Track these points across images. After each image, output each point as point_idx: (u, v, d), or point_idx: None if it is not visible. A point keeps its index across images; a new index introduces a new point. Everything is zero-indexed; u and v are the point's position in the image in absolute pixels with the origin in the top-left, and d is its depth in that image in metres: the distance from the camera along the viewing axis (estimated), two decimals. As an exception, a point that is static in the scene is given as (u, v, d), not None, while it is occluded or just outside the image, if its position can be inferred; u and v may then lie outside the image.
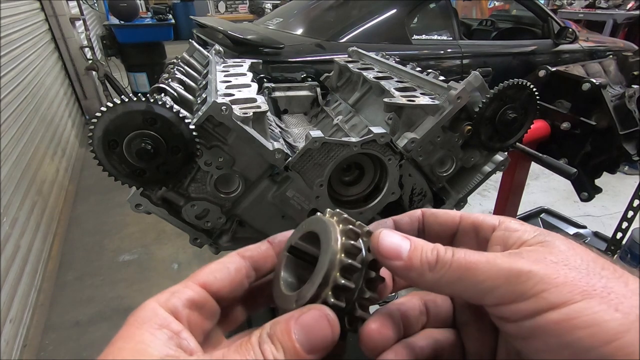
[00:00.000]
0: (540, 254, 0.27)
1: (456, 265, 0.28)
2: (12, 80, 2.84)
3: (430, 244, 0.30)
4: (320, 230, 0.32)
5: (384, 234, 0.31)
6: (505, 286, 0.26)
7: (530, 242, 0.29)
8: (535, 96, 0.82)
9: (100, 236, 2.94)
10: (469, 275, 0.28)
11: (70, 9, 4.45)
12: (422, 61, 3.00)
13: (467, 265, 0.28)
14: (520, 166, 1.61)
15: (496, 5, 7.09)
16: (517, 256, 0.27)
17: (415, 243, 0.30)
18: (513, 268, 0.26)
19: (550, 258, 0.27)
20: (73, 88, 4.63)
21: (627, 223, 1.51)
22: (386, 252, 0.30)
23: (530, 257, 0.27)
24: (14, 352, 1.93)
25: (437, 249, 0.30)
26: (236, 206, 0.81)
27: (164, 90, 0.80)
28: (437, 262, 0.29)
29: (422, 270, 0.29)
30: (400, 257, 0.30)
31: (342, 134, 1.05)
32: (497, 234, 0.32)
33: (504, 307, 0.27)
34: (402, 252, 0.30)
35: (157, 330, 0.27)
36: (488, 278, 0.27)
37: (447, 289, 0.29)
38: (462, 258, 0.28)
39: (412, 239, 0.31)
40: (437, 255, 0.29)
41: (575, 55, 3.64)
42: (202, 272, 0.33)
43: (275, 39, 2.77)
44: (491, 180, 0.98)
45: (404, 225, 0.38)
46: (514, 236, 0.31)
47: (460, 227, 0.35)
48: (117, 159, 0.63)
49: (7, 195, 2.26)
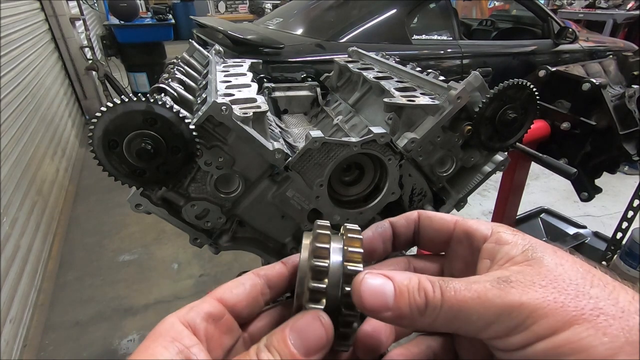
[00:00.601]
0: (529, 277, 0.27)
1: (447, 306, 0.28)
2: (12, 80, 2.84)
3: (415, 280, 0.29)
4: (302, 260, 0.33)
5: (364, 283, 0.29)
6: (497, 323, 0.26)
7: (518, 259, 0.29)
8: (535, 96, 0.82)
9: (100, 236, 2.95)
10: (461, 316, 0.27)
11: (70, 9, 4.45)
12: (422, 61, 3.00)
13: (459, 305, 0.27)
14: (520, 166, 1.61)
15: (496, 5, 7.09)
16: (507, 287, 0.27)
17: (399, 286, 0.29)
18: (504, 304, 0.26)
19: (539, 282, 0.27)
20: (73, 88, 4.63)
21: (627, 223, 1.51)
22: (370, 305, 0.29)
23: (519, 285, 0.27)
24: (14, 352, 1.93)
25: (424, 289, 0.28)
26: (236, 206, 0.81)
27: (164, 90, 0.80)
28: (426, 306, 0.28)
29: (412, 317, 0.28)
30: (387, 308, 0.28)
31: (342, 134, 1.05)
32: (487, 246, 0.32)
33: (497, 341, 0.27)
34: (388, 300, 0.28)
35: (169, 344, 0.28)
36: (481, 317, 0.27)
37: (441, 329, 0.29)
38: (452, 297, 0.27)
39: (395, 279, 0.29)
40: (426, 297, 0.28)
41: (575, 55, 3.65)
42: (219, 288, 0.34)
43: (275, 39, 2.77)
44: (491, 180, 0.99)
45: (400, 227, 0.38)
46: (502, 251, 0.30)
47: (454, 235, 0.35)
48: (117, 159, 0.63)
49: (7, 195, 2.26)
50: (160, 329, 0.29)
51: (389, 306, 0.28)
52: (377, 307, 0.28)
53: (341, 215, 0.85)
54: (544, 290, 0.26)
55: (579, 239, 2.38)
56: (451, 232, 0.35)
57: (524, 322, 0.26)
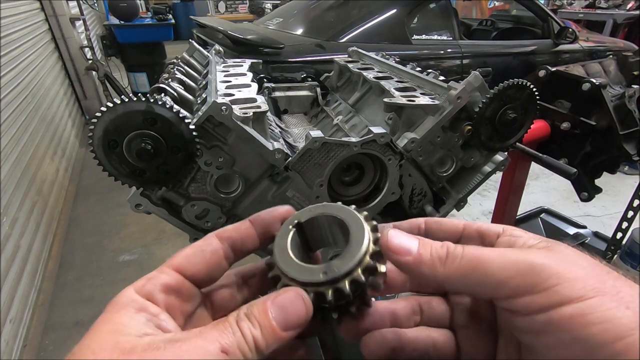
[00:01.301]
0: (550, 253, 0.28)
1: (468, 258, 0.28)
2: (12, 80, 2.84)
3: (439, 242, 0.31)
4: (348, 217, 0.32)
5: (393, 232, 0.31)
6: (517, 278, 0.26)
7: (538, 246, 0.30)
8: (535, 96, 0.82)
9: (100, 236, 2.94)
10: (480, 267, 0.28)
11: (70, 9, 4.46)
12: (422, 61, 3.00)
13: (479, 258, 0.28)
14: (520, 166, 1.61)
15: (496, 5, 7.09)
16: (529, 251, 0.28)
17: (423, 240, 0.31)
18: (526, 260, 0.26)
19: (560, 257, 0.27)
20: (73, 88, 4.63)
21: (627, 223, 1.51)
22: (396, 248, 0.30)
23: (541, 253, 0.27)
24: (14, 352, 1.93)
25: (446, 244, 0.30)
26: (236, 206, 0.81)
27: (164, 90, 0.80)
28: (447, 256, 0.29)
29: (433, 264, 0.29)
30: (409, 253, 0.30)
31: (342, 134, 1.05)
32: (502, 239, 0.32)
33: (516, 300, 0.27)
34: (412, 247, 0.30)
35: (135, 314, 0.28)
36: (500, 270, 0.27)
37: (458, 283, 0.29)
38: (473, 251, 0.28)
39: (420, 238, 0.31)
40: (447, 249, 0.29)
41: (575, 55, 3.65)
42: (177, 257, 0.33)
43: (275, 39, 2.77)
44: (491, 180, 0.99)
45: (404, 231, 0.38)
46: (519, 241, 0.31)
47: (464, 234, 0.35)
48: (117, 159, 0.63)
49: (7, 195, 2.26)
50: (120, 301, 0.28)
51: (412, 252, 0.30)
52: (401, 249, 0.30)
53: (341, 215, 0.85)
54: (566, 263, 0.26)
55: (579, 239, 2.37)
56: (460, 232, 0.36)
57: (546, 282, 0.25)
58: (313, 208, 0.34)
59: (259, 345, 0.27)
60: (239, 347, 0.27)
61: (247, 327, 0.27)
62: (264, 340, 0.27)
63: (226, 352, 0.26)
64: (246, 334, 0.27)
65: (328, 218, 0.34)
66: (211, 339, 0.26)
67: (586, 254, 0.29)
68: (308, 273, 0.30)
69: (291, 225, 0.34)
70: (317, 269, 0.30)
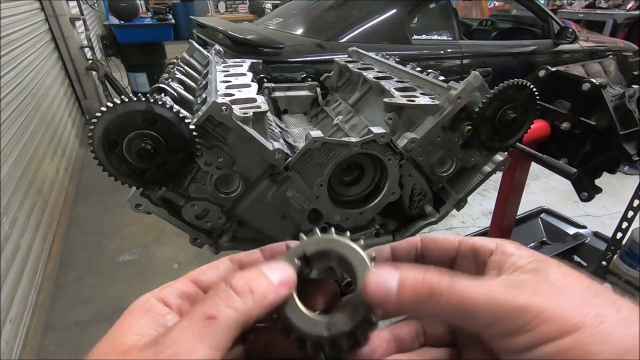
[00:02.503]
0: (536, 283, 0.28)
1: (455, 298, 0.28)
2: (12, 80, 2.84)
3: (421, 272, 0.30)
4: (355, 261, 0.33)
5: (371, 277, 0.30)
6: (504, 321, 0.27)
7: (526, 268, 0.30)
8: (535, 96, 0.82)
9: (100, 236, 2.94)
10: (468, 309, 0.28)
11: (70, 9, 4.45)
12: (422, 61, 3.00)
13: (466, 298, 0.28)
14: (520, 166, 1.61)
15: (496, 5, 7.09)
16: (516, 288, 0.28)
17: (404, 277, 0.30)
18: (513, 303, 0.27)
19: (547, 288, 0.28)
20: (73, 88, 4.63)
21: (627, 223, 1.51)
22: (375, 296, 0.30)
23: (527, 288, 0.28)
24: (14, 352, 1.93)
25: (428, 280, 0.29)
26: (236, 206, 0.81)
27: (164, 90, 0.80)
28: (431, 294, 0.29)
29: (417, 307, 0.29)
30: (390, 299, 0.29)
31: (342, 134, 1.05)
32: (494, 258, 0.33)
33: (502, 340, 0.28)
34: (391, 292, 0.29)
35: (144, 314, 0.29)
36: (488, 313, 0.27)
37: (445, 321, 0.30)
38: (460, 290, 0.28)
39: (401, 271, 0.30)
40: (431, 287, 0.29)
41: (575, 55, 3.64)
42: (194, 271, 0.35)
43: (275, 39, 2.77)
44: (491, 180, 0.99)
45: (401, 251, 0.38)
46: (509, 261, 0.31)
47: (459, 252, 0.36)
48: (117, 159, 0.63)
49: (7, 195, 2.26)
50: (135, 305, 0.30)
51: (392, 298, 0.29)
52: (381, 298, 0.30)
53: (341, 215, 0.85)
54: (551, 296, 0.27)
55: (579, 239, 2.38)
56: (456, 250, 0.36)
57: (531, 323, 0.26)
58: (320, 240, 0.34)
59: (257, 294, 0.29)
60: (228, 305, 0.28)
61: (240, 281, 0.29)
62: (262, 288, 0.29)
63: (212, 317, 0.27)
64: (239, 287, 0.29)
65: (334, 254, 0.34)
66: (195, 313, 0.27)
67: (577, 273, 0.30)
68: (311, 325, 0.31)
69: (297, 258, 0.34)
70: (320, 322, 0.31)
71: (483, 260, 0.33)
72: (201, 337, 0.26)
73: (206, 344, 0.26)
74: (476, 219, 3.13)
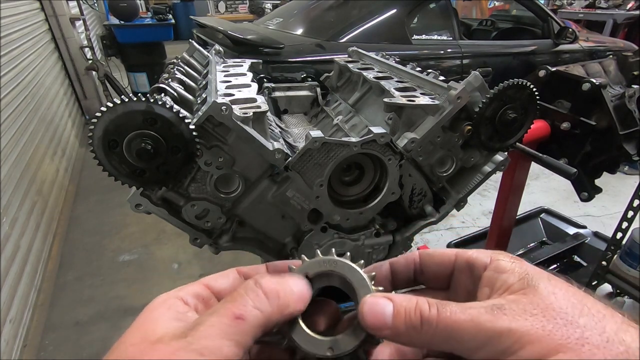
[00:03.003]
0: (522, 305, 0.29)
1: (443, 325, 0.29)
2: (12, 80, 2.84)
3: (413, 301, 0.31)
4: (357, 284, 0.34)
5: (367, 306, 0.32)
6: (488, 346, 0.28)
7: (515, 287, 0.31)
8: (535, 96, 0.82)
9: (100, 236, 2.94)
10: (456, 335, 0.29)
11: (70, 9, 4.45)
12: (422, 61, 3.00)
13: (453, 325, 0.29)
14: (520, 166, 1.61)
15: (496, 5, 7.09)
16: (499, 314, 0.28)
17: (398, 306, 0.31)
18: (494, 328, 0.28)
19: (531, 310, 0.28)
20: (73, 88, 4.63)
21: (627, 223, 1.51)
22: (372, 324, 0.31)
23: (511, 313, 0.28)
24: (14, 352, 1.93)
25: (419, 309, 0.30)
26: (236, 206, 0.81)
27: (164, 90, 0.80)
28: (422, 323, 0.30)
29: (409, 335, 0.31)
30: (386, 326, 0.31)
31: (342, 134, 1.05)
32: (487, 274, 0.33)
33: None
34: (387, 320, 0.31)
35: (166, 310, 0.31)
36: (473, 339, 0.28)
37: (438, 347, 0.31)
38: (448, 318, 0.29)
39: (395, 300, 0.32)
40: (421, 315, 0.30)
41: (575, 55, 3.64)
42: (206, 277, 0.36)
43: (275, 39, 2.77)
44: (491, 180, 0.99)
45: (400, 267, 0.40)
46: (501, 279, 0.32)
47: (455, 266, 0.37)
48: (117, 159, 0.63)
49: (7, 195, 2.26)
50: (154, 303, 0.32)
51: (387, 325, 0.31)
52: (377, 324, 0.31)
53: (341, 215, 0.85)
54: (534, 319, 0.28)
55: (579, 239, 2.38)
56: (453, 264, 0.37)
57: (511, 347, 0.27)
58: (322, 262, 0.35)
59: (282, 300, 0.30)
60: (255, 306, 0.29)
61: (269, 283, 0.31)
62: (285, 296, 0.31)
63: (240, 317, 0.28)
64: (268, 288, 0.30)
65: (336, 275, 0.35)
66: (223, 311, 0.29)
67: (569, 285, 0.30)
68: (315, 345, 0.33)
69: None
70: (324, 343, 0.33)
71: (478, 275, 0.34)
72: (228, 334, 0.28)
73: (233, 341, 0.28)
74: (476, 219, 3.13)
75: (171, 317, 0.30)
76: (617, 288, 1.74)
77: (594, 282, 1.68)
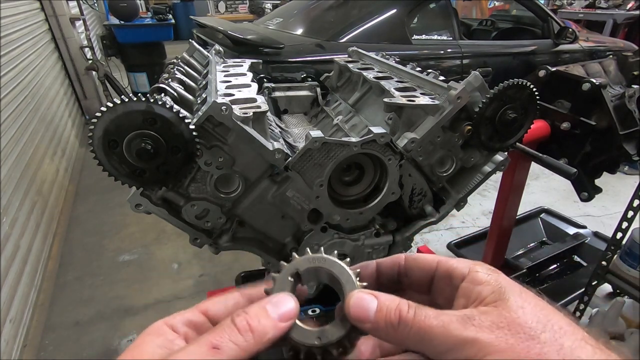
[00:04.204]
0: (491, 317, 0.31)
1: (417, 327, 0.32)
2: (12, 80, 2.84)
3: (396, 302, 0.34)
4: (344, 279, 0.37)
5: (354, 299, 0.35)
6: (454, 352, 0.30)
7: (488, 300, 0.33)
8: (535, 96, 0.82)
9: (100, 236, 2.94)
10: (427, 338, 0.32)
11: (70, 9, 4.45)
12: (422, 61, 3.00)
13: (426, 329, 0.32)
14: (520, 166, 1.61)
15: (496, 5, 7.09)
16: (468, 323, 0.31)
17: (381, 303, 0.34)
18: (461, 336, 0.30)
19: (498, 323, 0.30)
20: (73, 88, 4.63)
21: (627, 223, 1.51)
22: (356, 315, 0.34)
23: (480, 323, 0.31)
24: (14, 352, 1.93)
25: (399, 309, 0.33)
26: (236, 206, 0.81)
27: (164, 90, 0.80)
28: (399, 322, 0.33)
29: (387, 331, 0.33)
30: (368, 320, 0.34)
31: (342, 134, 1.05)
32: (463, 285, 0.35)
33: None
34: (370, 314, 0.34)
35: (156, 337, 0.33)
36: (442, 343, 0.31)
37: (411, 347, 0.34)
38: (422, 321, 0.32)
39: (380, 298, 0.34)
40: (400, 315, 0.33)
41: (575, 55, 3.64)
42: (206, 302, 0.39)
43: (275, 39, 2.77)
44: (491, 180, 0.99)
45: (386, 268, 0.42)
46: (475, 291, 0.34)
47: (436, 273, 0.38)
48: (117, 159, 0.63)
49: (7, 195, 2.26)
50: (150, 329, 0.35)
51: (370, 318, 0.34)
52: (360, 316, 0.34)
53: (341, 215, 0.85)
54: (500, 332, 0.30)
55: (579, 239, 2.38)
56: (434, 270, 0.39)
57: (475, 355, 0.29)
58: (311, 259, 0.38)
59: (257, 333, 0.32)
60: (231, 339, 0.31)
61: (242, 321, 0.32)
62: (261, 327, 0.32)
63: (217, 347, 0.30)
64: (240, 326, 0.32)
65: (324, 271, 0.38)
66: (202, 341, 0.31)
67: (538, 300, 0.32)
68: (304, 335, 0.35)
69: (290, 275, 0.38)
70: (312, 332, 0.36)
71: (456, 285, 0.36)
72: None
73: None
74: (476, 219, 3.13)
75: (158, 344, 0.33)
76: (617, 288, 1.74)
77: (594, 282, 1.68)
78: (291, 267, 0.38)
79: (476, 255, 2.24)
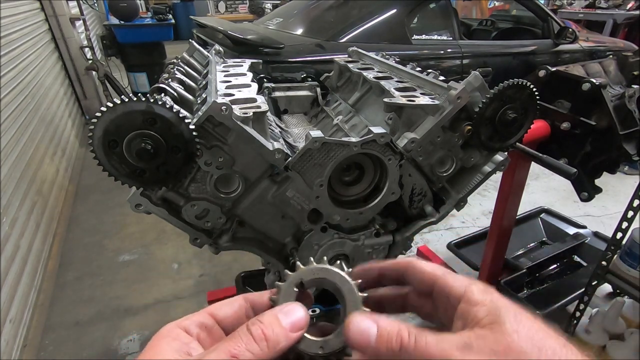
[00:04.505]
0: (488, 342, 0.32)
1: (418, 355, 0.33)
2: (12, 80, 2.84)
3: (396, 327, 0.34)
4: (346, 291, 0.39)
5: (353, 325, 0.35)
6: None
7: (483, 322, 0.34)
8: (535, 96, 0.82)
9: (100, 236, 2.94)
10: None
11: (70, 9, 4.45)
12: (422, 61, 3.00)
13: (427, 354, 0.33)
14: (520, 166, 1.61)
15: (496, 5, 7.09)
16: (467, 352, 0.32)
17: (381, 329, 0.35)
18: None
19: (495, 347, 0.31)
20: (73, 88, 4.63)
21: (627, 223, 1.51)
22: (356, 343, 0.35)
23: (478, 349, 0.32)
24: (14, 352, 1.93)
25: (400, 336, 0.34)
26: (236, 206, 0.81)
27: (164, 90, 0.80)
28: (400, 350, 0.33)
29: (388, 357, 0.34)
30: (369, 347, 0.34)
31: (342, 134, 1.05)
32: (461, 307, 0.36)
33: None
34: (370, 341, 0.34)
35: (172, 341, 0.34)
36: None
37: None
38: (423, 348, 0.33)
39: (380, 324, 0.35)
40: (402, 342, 0.34)
41: (575, 55, 3.64)
42: (212, 305, 0.40)
43: (275, 39, 2.77)
44: (491, 180, 0.99)
45: (389, 274, 0.43)
46: (472, 312, 0.35)
47: (435, 288, 0.39)
48: (117, 159, 0.63)
49: (7, 195, 2.26)
50: (162, 332, 0.36)
51: (370, 344, 0.34)
52: (361, 343, 0.35)
53: (341, 215, 0.85)
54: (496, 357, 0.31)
55: (579, 239, 2.38)
56: (432, 287, 0.39)
57: None
58: (315, 270, 0.40)
59: (271, 342, 0.33)
60: (247, 348, 0.33)
61: (258, 330, 0.34)
62: (275, 337, 0.34)
63: (235, 355, 0.32)
64: (256, 335, 0.33)
65: (328, 282, 0.40)
66: (222, 349, 0.32)
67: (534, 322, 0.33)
68: (309, 345, 0.37)
69: (295, 285, 0.39)
70: (316, 342, 0.37)
71: (453, 304, 0.37)
72: None
73: None
74: (476, 219, 3.13)
75: (175, 348, 0.34)
76: (617, 288, 1.74)
77: (594, 282, 1.68)
78: (296, 276, 0.39)
79: (476, 255, 2.23)
